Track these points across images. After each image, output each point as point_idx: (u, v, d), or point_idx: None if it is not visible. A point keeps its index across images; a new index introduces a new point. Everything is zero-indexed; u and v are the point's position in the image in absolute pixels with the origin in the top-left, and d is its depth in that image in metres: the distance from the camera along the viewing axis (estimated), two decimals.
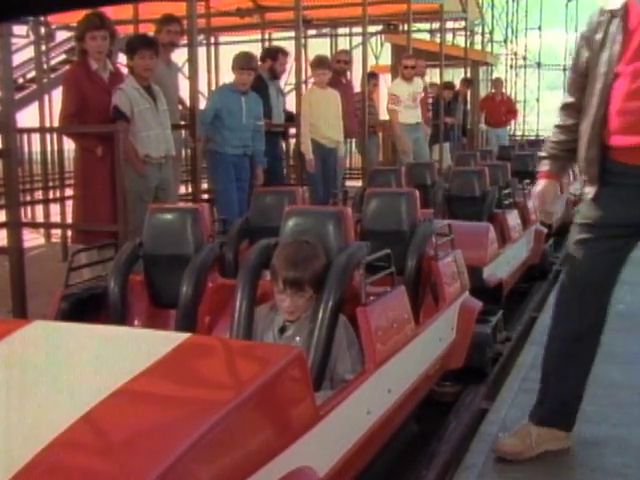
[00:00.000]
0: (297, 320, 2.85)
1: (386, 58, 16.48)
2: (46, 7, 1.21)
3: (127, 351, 2.40)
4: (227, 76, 12.55)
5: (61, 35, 13.41)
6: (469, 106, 14.08)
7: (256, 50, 14.73)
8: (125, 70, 5.49)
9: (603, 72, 2.72)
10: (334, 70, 7.95)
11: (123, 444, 1.87)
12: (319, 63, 7.44)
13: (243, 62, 6.30)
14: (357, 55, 9.60)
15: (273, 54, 7.58)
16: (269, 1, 11.62)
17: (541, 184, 3.05)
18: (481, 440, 3.13)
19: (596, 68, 2.75)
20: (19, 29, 11.79)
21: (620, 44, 2.68)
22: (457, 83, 13.55)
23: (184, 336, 2.44)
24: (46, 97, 10.00)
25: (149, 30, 13.52)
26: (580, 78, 2.87)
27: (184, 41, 6.00)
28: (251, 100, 6.40)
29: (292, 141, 8.24)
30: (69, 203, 6.46)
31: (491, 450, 3.01)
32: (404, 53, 9.74)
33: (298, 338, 2.80)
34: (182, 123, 6.16)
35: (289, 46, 8.12)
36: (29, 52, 11.90)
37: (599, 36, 2.77)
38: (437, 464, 3.10)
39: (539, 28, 30.05)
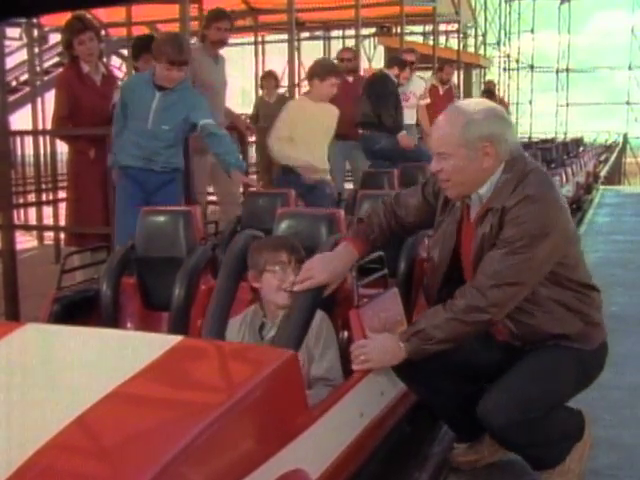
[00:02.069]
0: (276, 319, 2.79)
1: (379, 61, 16.50)
2: (41, 8, 1.21)
3: (119, 354, 2.39)
4: None
5: (54, 38, 13.40)
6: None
7: (249, 53, 14.80)
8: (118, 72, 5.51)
9: None
10: (345, 71, 7.31)
11: (116, 447, 1.87)
12: (330, 70, 5.51)
13: (173, 53, 4.46)
14: None
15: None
16: (262, 4, 11.64)
17: None
18: None
19: None
20: (12, 32, 11.78)
21: None
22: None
23: (177, 339, 2.44)
24: (39, 100, 10.00)
25: (143, 32, 13.52)
26: None
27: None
28: (171, 99, 4.59)
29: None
30: (62, 206, 6.46)
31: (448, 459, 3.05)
32: (402, 49, 9.33)
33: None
34: None
35: (282, 49, 8.13)
36: (22, 55, 11.90)
37: None
38: (430, 466, 3.10)
39: (532, 31, 30.23)
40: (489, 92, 12.14)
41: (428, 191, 2.92)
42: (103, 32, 8.95)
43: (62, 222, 6.30)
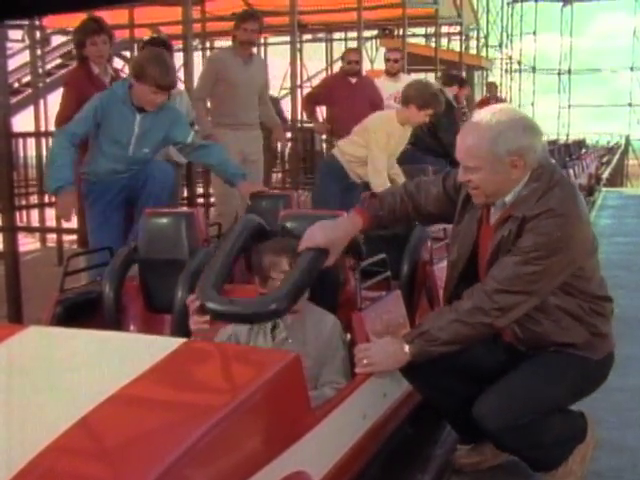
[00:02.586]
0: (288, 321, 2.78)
1: (381, 63, 16.50)
2: (42, 8, 1.21)
3: (122, 356, 2.39)
4: None
5: (56, 39, 13.43)
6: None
7: None
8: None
9: None
10: (344, 71, 7.31)
11: (118, 449, 1.87)
12: (431, 102, 5.21)
13: (161, 77, 4.05)
14: None
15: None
16: (264, 6, 11.63)
17: None
18: None
19: None
20: (14, 34, 11.80)
21: None
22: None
23: (179, 341, 2.44)
24: (41, 101, 10.01)
25: (145, 34, 13.54)
26: None
27: (179, 45, 6.00)
28: (151, 120, 4.23)
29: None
30: None
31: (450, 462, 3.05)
32: (388, 48, 8.97)
33: (291, 340, 2.76)
34: None
35: (284, 51, 8.09)
36: (24, 56, 11.92)
37: None
38: (432, 468, 3.10)
39: (534, 33, 30.23)
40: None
41: (449, 184, 2.89)
42: None
43: (64, 224, 6.27)
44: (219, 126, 5.93)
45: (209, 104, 6.14)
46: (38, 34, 10.71)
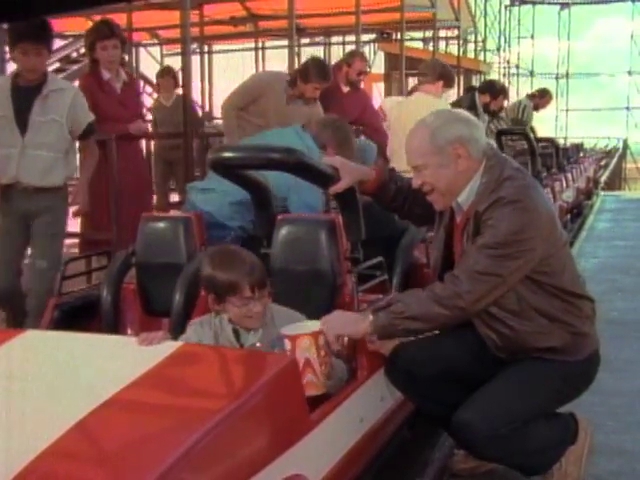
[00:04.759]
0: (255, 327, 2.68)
1: (379, 67, 16.53)
2: (41, 10, 1.21)
3: (120, 360, 2.39)
4: (221, 84, 12.58)
5: (56, 44, 13.40)
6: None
7: (249, 59, 14.83)
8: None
9: None
10: (350, 82, 6.72)
11: (115, 453, 1.87)
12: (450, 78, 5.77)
13: None
14: None
15: None
16: (262, 10, 11.65)
17: None
18: None
19: None
20: None
21: None
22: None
23: (176, 345, 2.44)
24: None
25: (144, 38, 13.54)
26: None
27: (178, 49, 5.94)
28: None
29: None
30: None
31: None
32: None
33: (259, 344, 2.66)
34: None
35: (283, 55, 8.05)
36: None
37: None
38: (430, 472, 3.10)
39: (532, 36, 30.25)
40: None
41: None
42: None
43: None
44: None
45: None
46: None
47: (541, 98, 10.30)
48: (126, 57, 6.58)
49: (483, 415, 2.58)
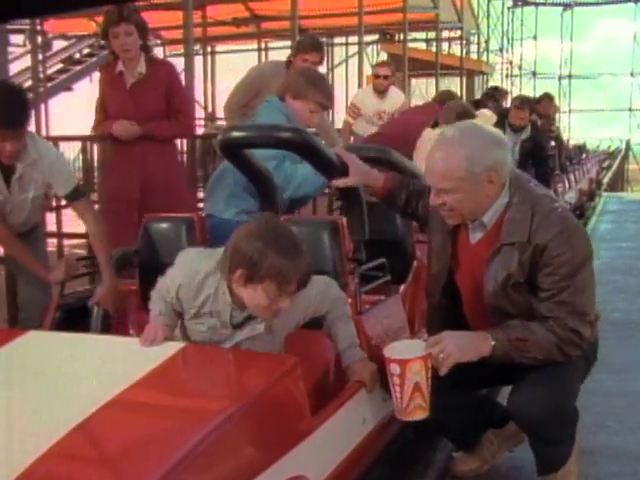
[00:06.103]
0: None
1: None
2: (40, 9, 1.21)
3: (122, 361, 2.39)
4: (223, 85, 12.58)
5: (58, 44, 13.46)
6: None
7: (252, 60, 14.83)
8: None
9: None
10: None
11: (117, 454, 1.87)
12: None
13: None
14: (353, 65, 9.65)
15: None
16: (265, 11, 11.68)
17: None
18: None
19: None
20: (16, 38, 11.84)
21: None
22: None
23: (179, 345, 2.44)
24: (42, 106, 10.01)
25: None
26: None
27: (180, 50, 5.88)
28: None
29: None
30: (65, 212, 6.45)
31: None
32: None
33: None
34: None
35: (285, 55, 8.07)
36: (26, 61, 11.94)
37: None
38: (432, 473, 3.10)
39: (534, 37, 30.27)
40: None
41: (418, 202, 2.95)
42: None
43: (64, 229, 6.27)
44: None
45: None
46: (39, 39, 10.73)
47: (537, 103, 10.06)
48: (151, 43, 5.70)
49: (540, 395, 2.55)
